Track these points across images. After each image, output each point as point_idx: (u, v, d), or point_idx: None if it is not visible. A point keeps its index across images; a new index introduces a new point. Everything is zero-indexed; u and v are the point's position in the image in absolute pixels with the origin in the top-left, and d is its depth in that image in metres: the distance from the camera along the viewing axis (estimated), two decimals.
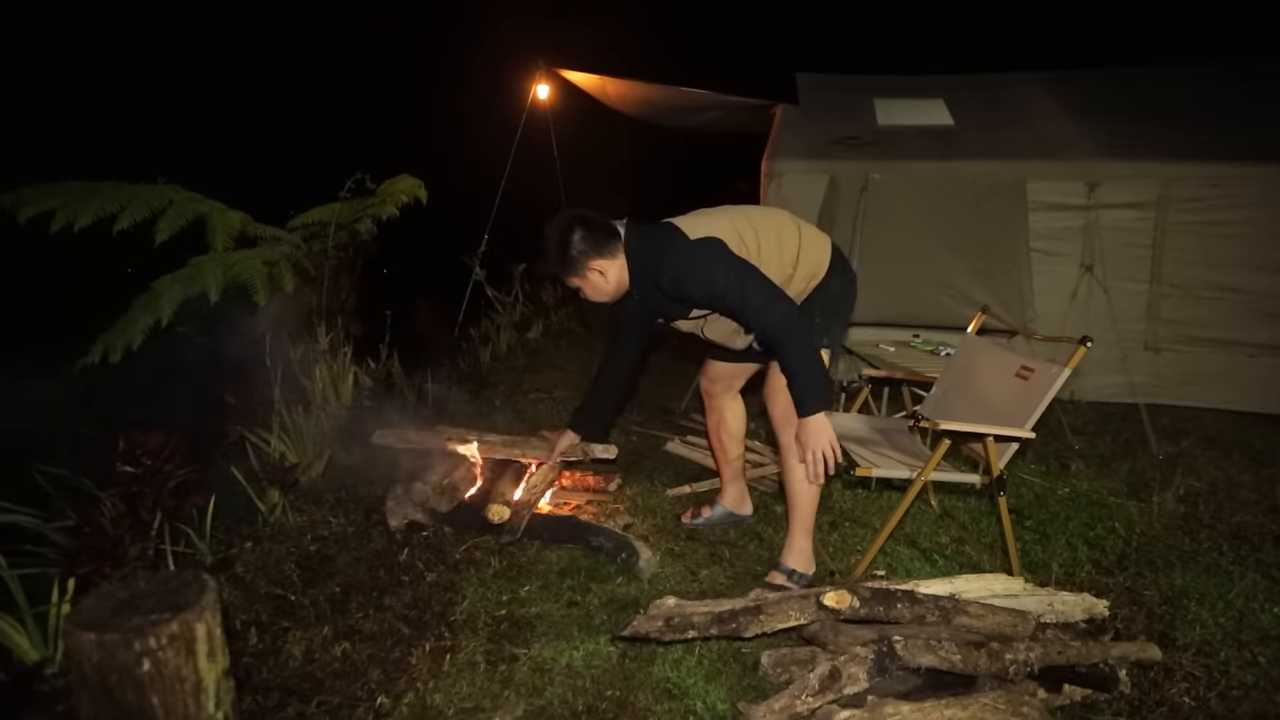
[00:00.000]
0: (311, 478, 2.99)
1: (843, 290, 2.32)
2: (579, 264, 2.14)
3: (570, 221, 2.13)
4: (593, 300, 2.27)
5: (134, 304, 2.84)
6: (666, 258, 2.10)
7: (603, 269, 2.16)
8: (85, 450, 2.41)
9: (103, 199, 2.88)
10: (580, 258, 2.13)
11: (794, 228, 2.27)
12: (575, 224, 2.13)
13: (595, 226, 2.14)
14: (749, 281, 2.05)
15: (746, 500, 2.83)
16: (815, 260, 2.27)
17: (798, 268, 2.23)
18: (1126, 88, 5.29)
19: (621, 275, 2.19)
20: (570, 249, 2.12)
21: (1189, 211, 4.30)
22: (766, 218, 2.27)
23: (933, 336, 3.96)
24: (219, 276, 2.84)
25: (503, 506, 2.56)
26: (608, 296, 2.25)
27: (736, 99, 5.36)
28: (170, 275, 2.90)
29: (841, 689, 1.67)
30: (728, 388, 2.67)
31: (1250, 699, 1.83)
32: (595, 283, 2.19)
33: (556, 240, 2.13)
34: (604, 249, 2.14)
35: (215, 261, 2.90)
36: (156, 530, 2.15)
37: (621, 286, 2.22)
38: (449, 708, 1.75)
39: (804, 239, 2.26)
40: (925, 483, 2.32)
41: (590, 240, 2.12)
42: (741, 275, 2.06)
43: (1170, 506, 2.97)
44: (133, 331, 2.75)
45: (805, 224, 2.33)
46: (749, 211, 2.27)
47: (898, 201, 4.56)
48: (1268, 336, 4.29)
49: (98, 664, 1.07)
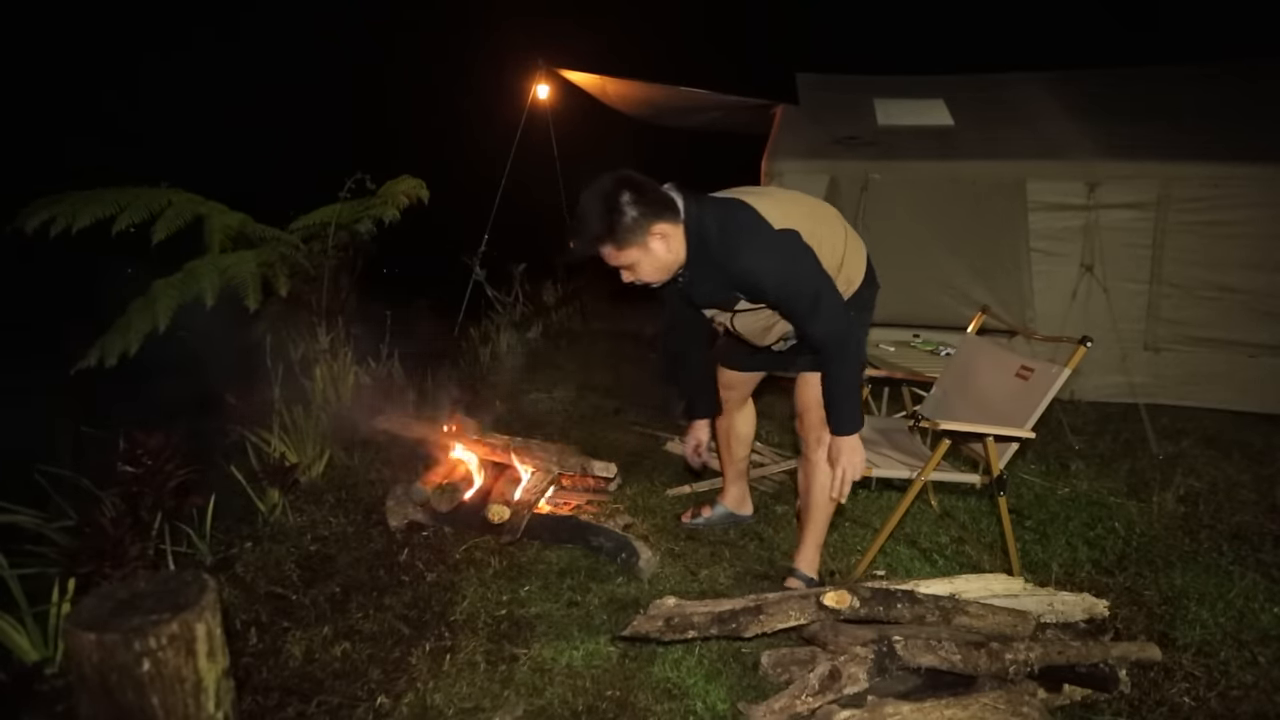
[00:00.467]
0: (311, 478, 2.99)
1: (868, 303, 2.23)
2: (638, 228, 1.78)
3: (616, 183, 1.78)
4: (643, 280, 1.92)
5: (131, 307, 2.84)
6: (745, 243, 1.81)
7: (666, 234, 1.81)
8: (85, 450, 2.41)
9: (103, 202, 2.89)
10: (640, 220, 1.77)
11: (843, 230, 2.11)
12: (623, 185, 1.78)
13: (647, 187, 1.81)
14: (825, 288, 1.87)
15: (747, 501, 2.83)
16: (856, 266, 2.13)
17: (841, 270, 2.06)
18: (1126, 88, 5.29)
19: (681, 249, 1.86)
20: (623, 213, 1.76)
21: (1189, 211, 4.30)
22: (825, 215, 2.08)
23: (933, 336, 3.97)
24: (214, 280, 2.84)
25: (503, 506, 2.56)
26: (668, 273, 1.90)
27: (737, 99, 5.36)
28: (165, 279, 2.90)
29: (841, 689, 1.67)
30: (742, 395, 2.63)
31: (1250, 699, 1.83)
32: (656, 253, 1.83)
33: (601, 206, 1.77)
34: (665, 211, 1.81)
35: (210, 265, 2.91)
36: (156, 530, 2.15)
37: (679, 261, 1.88)
38: (449, 708, 1.75)
39: (849, 244, 2.10)
40: (925, 483, 2.32)
41: (645, 201, 1.78)
42: (819, 280, 1.87)
43: (1170, 506, 2.97)
44: (129, 336, 2.75)
45: (851, 230, 2.17)
46: (812, 204, 2.07)
47: (898, 201, 4.56)
48: (1268, 336, 4.29)
49: (98, 664, 1.07)
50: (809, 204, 2.11)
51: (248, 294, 2.85)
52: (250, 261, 2.98)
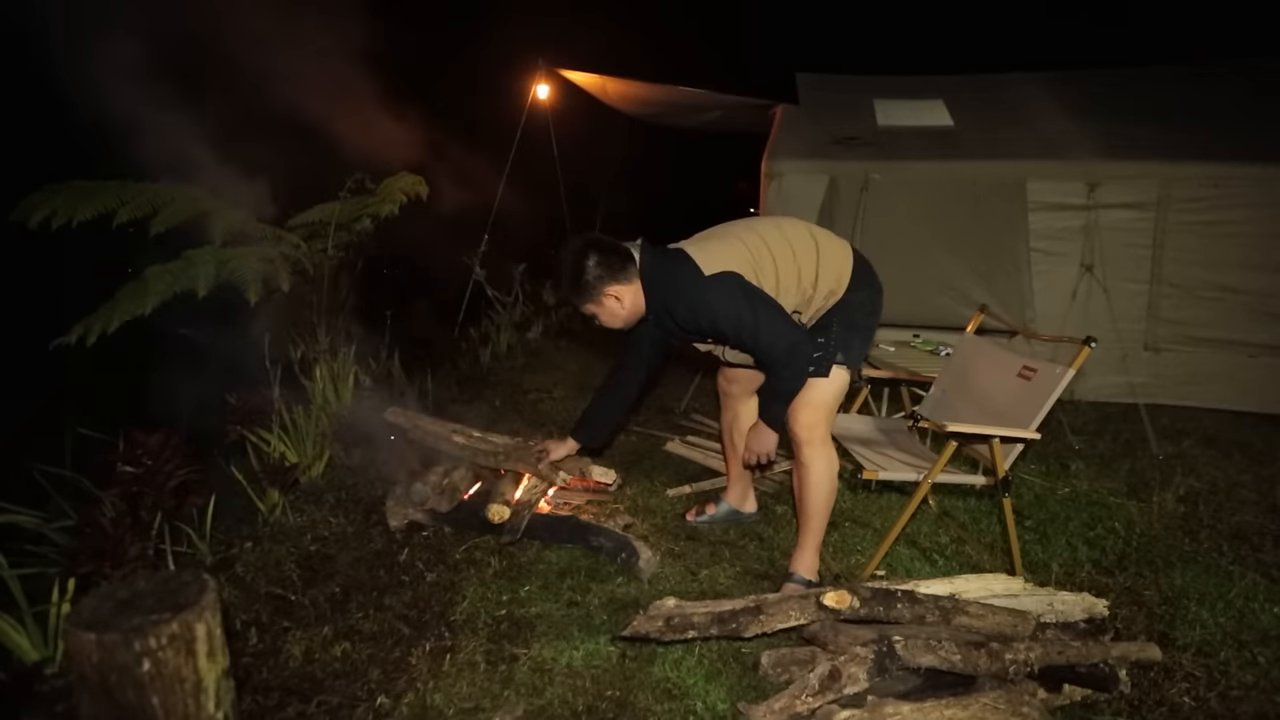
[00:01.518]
0: (311, 478, 2.99)
1: (865, 304, 2.25)
2: (594, 290, 2.12)
3: (584, 247, 2.11)
4: (608, 326, 2.24)
5: (121, 291, 2.80)
6: (682, 291, 2.09)
7: (618, 294, 2.13)
8: (85, 450, 2.41)
9: (105, 196, 2.87)
10: (596, 284, 2.10)
11: (811, 245, 2.20)
12: (589, 249, 2.10)
13: (609, 251, 2.11)
14: (761, 317, 2.05)
15: (751, 498, 2.84)
16: (836, 275, 2.20)
17: (818, 286, 2.19)
18: (1126, 88, 5.29)
19: (637, 300, 2.17)
20: (585, 275, 2.09)
21: (1189, 211, 4.30)
22: (782, 241, 2.18)
23: (933, 336, 3.97)
24: (210, 272, 2.79)
25: (503, 506, 2.56)
26: (623, 323, 2.22)
27: (736, 99, 5.36)
28: (161, 265, 2.84)
29: (841, 689, 1.67)
30: (745, 389, 2.65)
31: (1250, 699, 1.83)
32: (611, 309, 2.16)
33: (570, 266, 2.11)
34: (619, 274, 2.11)
35: (208, 255, 2.86)
36: (156, 530, 2.15)
37: (637, 311, 2.20)
38: (449, 708, 1.75)
39: (823, 255, 2.19)
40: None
41: (605, 265, 2.09)
42: (755, 311, 2.04)
43: (1170, 506, 2.97)
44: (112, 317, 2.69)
45: (826, 235, 2.25)
46: (765, 234, 2.19)
47: (897, 201, 4.56)
48: (1268, 336, 4.29)
49: (98, 664, 1.07)
50: (764, 236, 2.19)
51: (249, 288, 2.81)
52: (252, 256, 2.95)
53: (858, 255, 2.28)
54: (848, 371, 2.22)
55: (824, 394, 2.19)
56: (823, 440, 2.21)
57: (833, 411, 2.24)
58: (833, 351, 2.18)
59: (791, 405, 2.20)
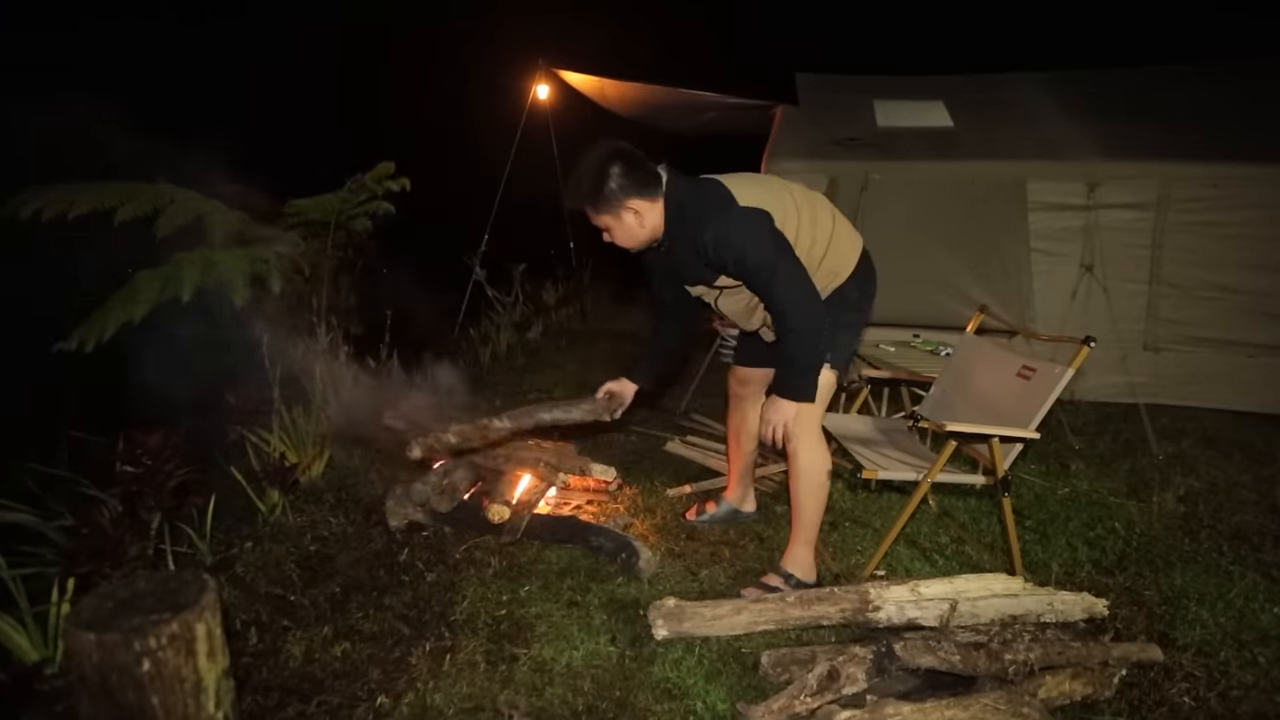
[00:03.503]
0: (311, 478, 2.99)
1: (858, 301, 2.24)
2: (615, 200, 2.00)
3: (610, 154, 2.00)
4: (618, 243, 2.13)
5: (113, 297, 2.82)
6: (712, 219, 1.98)
7: (639, 210, 2.02)
8: (85, 450, 2.41)
9: (102, 194, 2.87)
10: (618, 193, 1.99)
11: (830, 222, 2.16)
12: (615, 157, 1.99)
13: (636, 163, 2.01)
14: (784, 262, 1.98)
15: (751, 498, 2.85)
16: (843, 258, 2.18)
17: (823, 263, 2.14)
18: (1127, 88, 5.30)
19: (657, 222, 2.06)
20: (607, 181, 1.98)
21: (1189, 212, 4.31)
22: (808, 205, 2.14)
23: (933, 336, 3.97)
24: (195, 276, 2.82)
25: (503, 506, 2.56)
26: (637, 242, 2.11)
27: (736, 99, 5.36)
28: (150, 271, 2.86)
29: (840, 689, 1.67)
30: (756, 392, 2.63)
31: (1250, 699, 1.83)
32: (628, 224, 2.04)
33: (593, 172, 1.99)
34: (645, 188, 2.01)
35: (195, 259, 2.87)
36: (156, 530, 2.15)
37: (655, 234, 2.09)
38: (449, 708, 1.75)
39: (836, 236, 2.16)
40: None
41: (630, 176, 1.99)
42: (780, 255, 1.98)
43: (1170, 506, 2.97)
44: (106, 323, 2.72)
45: (844, 222, 2.23)
46: (795, 193, 2.14)
47: (898, 201, 4.56)
48: (1268, 336, 4.30)
49: (98, 664, 1.07)
50: (794, 195, 2.13)
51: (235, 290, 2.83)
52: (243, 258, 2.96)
53: (866, 252, 2.28)
54: (835, 370, 2.22)
55: None
56: (810, 436, 2.21)
57: (821, 408, 2.24)
58: (826, 343, 2.17)
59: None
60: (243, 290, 2.81)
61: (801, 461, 2.21)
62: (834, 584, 2.31)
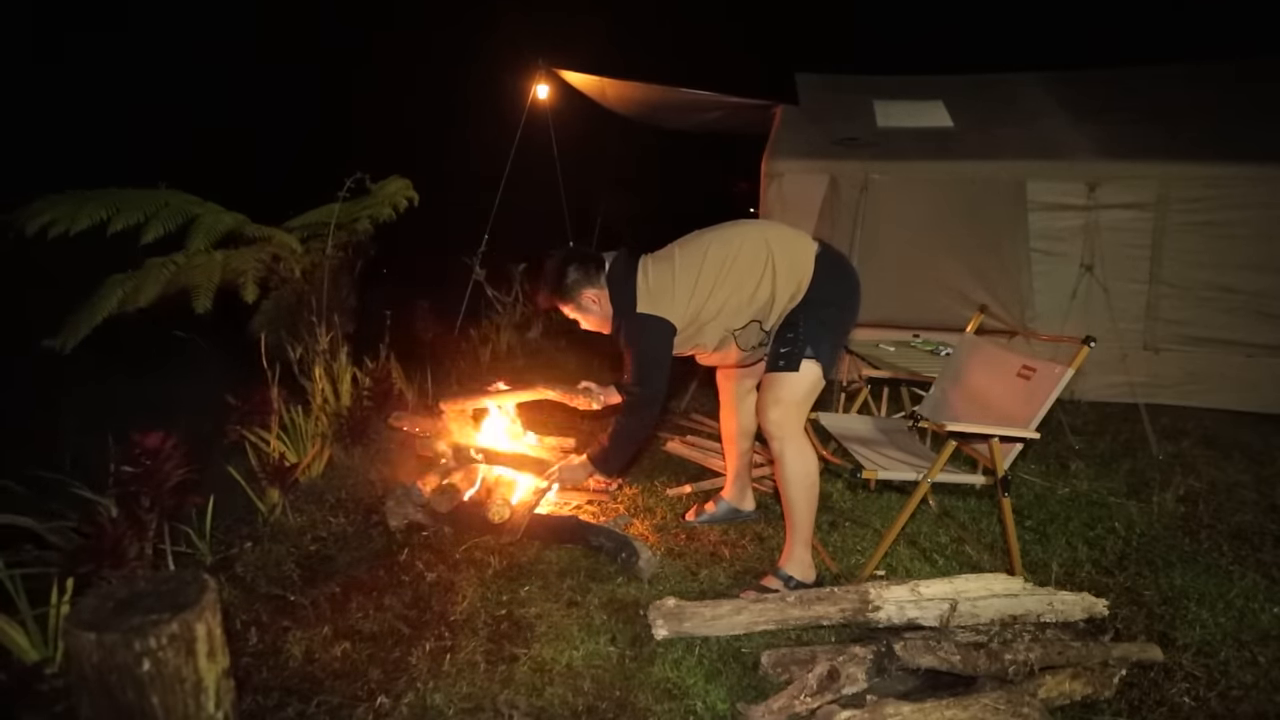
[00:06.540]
0: (311, 478, 2.99)
1: (834, 299, 2.28)
2: (574, 291, 2.38)
3: (566, 256, 2.41)
4: (591, 328, 2.48)
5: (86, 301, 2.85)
6: (618, 311, 2.36)
7: (595, 298, 2.39)
8: (85, 450, 2.41)
9: (100, 204, 2.88)
10: (573, 287, 2.38)
11: (765, 265, 2.26)
12: (570, 258, 2.40)
13: (588, 260, 2.40)
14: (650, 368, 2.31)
15: (749, 497, 2.85)
16: (796, 281, 2.26)
17: (774, 301, 2.28)
18: (1127, 88, 5.29)
19: (608, 302, 2.39)
20: (565, 278, 2.37)
21: (1188, 212, 4.31)
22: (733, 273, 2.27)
23: (933, 337, 3.96)
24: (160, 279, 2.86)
25: (503, 506, 2.56)
26: (604, 320, 2.42)
27: (736, 99, 5.36)
28: (118, 276, 2.90)
29: (840, 689, 1.67)
30: (744, 387, 2.68)
31: (1250, 699, 1.83)
32: (589, 309, 2.41)
33: (555, 272, 2.39)
34: (594, 279, 2.38)
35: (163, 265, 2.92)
36: (156, 530, 2.14)
37: (610, 312, 2.41)
38: (449, 708, 1.75)
39: (779, 272, 2.25)
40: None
41: (581, 271, 2.37)
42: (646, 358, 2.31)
43: (1170, 506, 2.97)
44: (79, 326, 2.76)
45: (783, 244, 2.29)
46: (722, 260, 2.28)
47: (897, 202, 4.56)
48: (1268, 336, 4.30)
49: (98, 664, 1.07)
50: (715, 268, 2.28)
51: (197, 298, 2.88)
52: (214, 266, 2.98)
53: (824, 254, 2.30)
54: (819, 367, 2.22)
55: (793, 389, 2.21)
56: (795, 435, 2.23)
57: (804, 407, 2.26)
58: (801, 347, 2.21)
59: (761, 402, 2.27)
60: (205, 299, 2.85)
61: (788, 461, 2.22)
62: (834, 584, 2.31)
